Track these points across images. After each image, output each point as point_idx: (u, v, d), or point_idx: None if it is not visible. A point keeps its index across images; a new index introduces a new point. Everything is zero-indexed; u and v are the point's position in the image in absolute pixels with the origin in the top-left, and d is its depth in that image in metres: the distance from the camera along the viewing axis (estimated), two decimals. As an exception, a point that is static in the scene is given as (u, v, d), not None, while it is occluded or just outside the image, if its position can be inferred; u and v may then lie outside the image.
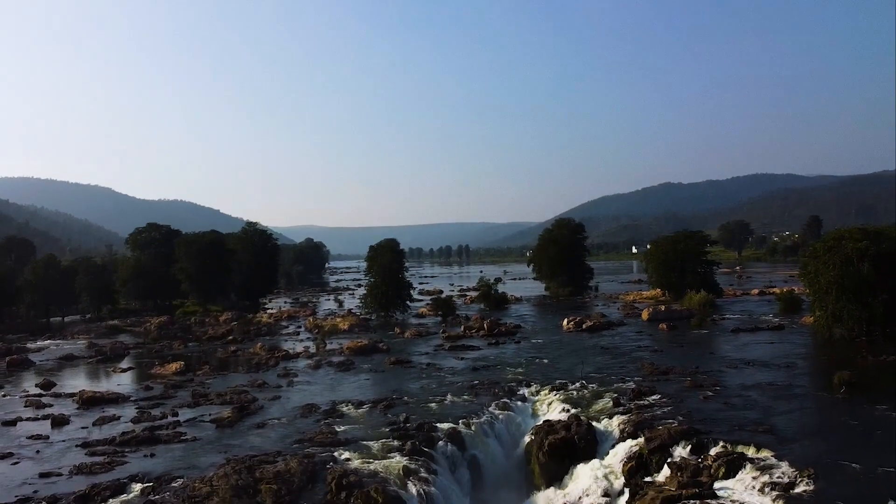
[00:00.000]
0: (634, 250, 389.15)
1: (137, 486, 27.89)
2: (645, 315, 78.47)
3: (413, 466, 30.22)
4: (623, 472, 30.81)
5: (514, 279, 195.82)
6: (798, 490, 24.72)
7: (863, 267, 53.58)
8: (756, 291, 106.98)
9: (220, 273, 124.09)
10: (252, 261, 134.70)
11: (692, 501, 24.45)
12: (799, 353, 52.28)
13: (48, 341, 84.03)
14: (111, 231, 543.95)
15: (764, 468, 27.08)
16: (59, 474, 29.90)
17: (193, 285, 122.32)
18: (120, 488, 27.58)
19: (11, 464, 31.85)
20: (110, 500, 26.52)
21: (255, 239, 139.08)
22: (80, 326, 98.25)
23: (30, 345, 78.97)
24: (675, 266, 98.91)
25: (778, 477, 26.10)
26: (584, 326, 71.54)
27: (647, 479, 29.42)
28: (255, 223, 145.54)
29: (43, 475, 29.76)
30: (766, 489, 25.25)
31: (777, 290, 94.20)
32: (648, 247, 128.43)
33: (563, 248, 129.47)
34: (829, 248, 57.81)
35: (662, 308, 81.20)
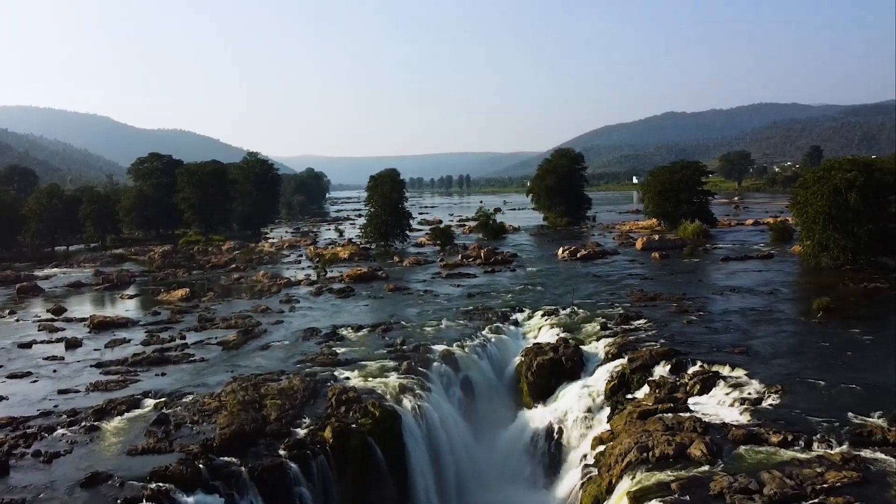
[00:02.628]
0: (635, 180, 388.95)
1: (150, 402, 29.84)
2: (639, 244, 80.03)
3: (408, 384, 32.17)
4: (606, 390, 32.77)
5: (514, 209, 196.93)
6: (764, 404, 26.62)
7: (850, 197, 54.79)
8: (750, 222, 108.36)
9: (222, 203, 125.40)
10: (253, 191, 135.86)
11: (667, 414, 26.29)
12: (784, 280, 54.04)
13: (55, 269, 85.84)
14: (111, 161, 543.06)
15: (736, 385, 29.00)
16: (77, 391, 31.85)
17: (196, 215, 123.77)
18: (134, 403, 29.51)
19: (31, 382, 33.83)
20: (126, 413, 28.43)
21: (257, 169, 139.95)
22: (86, 255, 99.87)
23: (37, 273, 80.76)
24: (671, 196, 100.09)
25: (748, 393, 28.01)
26: (578, 255, 73.17)
27: (628, 396, 31.39)
28: (256, 153, 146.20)
29: (61, 392, 31.71)
30: (736, 404, 27.18)
31: (771, 221, 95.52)
32: (645, 177, 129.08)
33: (562, 178, 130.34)
34: (819, 178, 59.00)
35: (656, 237, 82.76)
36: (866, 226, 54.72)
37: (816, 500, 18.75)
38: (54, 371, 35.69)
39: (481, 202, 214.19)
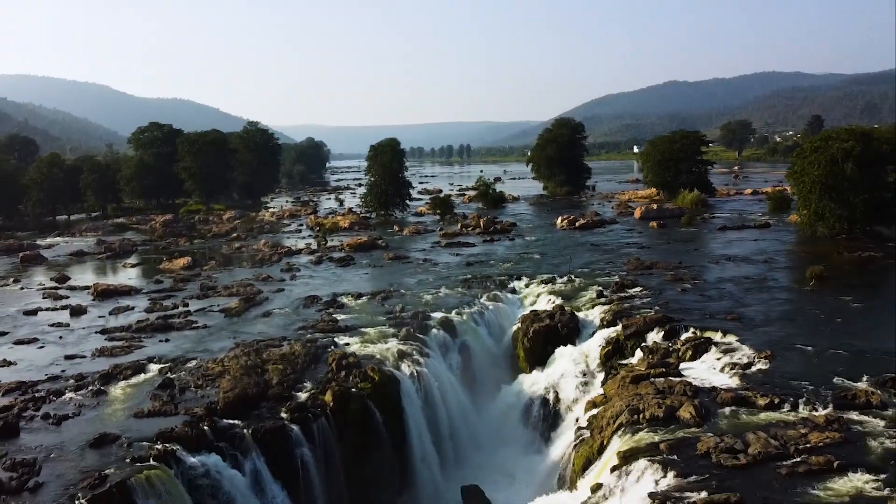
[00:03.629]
0: (636, 150, 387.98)
1: (155, 367, 30.57)
2: (637, 214, 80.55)
3: (407, 350, 32.93)
4: (600, 355, 33.55)
5: (514, 179, 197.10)
6: (754, 369, 27.31)
7: (847, 167, 55.14)
8: (749, 191, 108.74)
9: (223, 172, 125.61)
10: (254, 160, 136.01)
11: (658, 379, 26.99)
12: (779, 249, 54.63)
13: (57, 238, 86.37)
14: (110, 130, 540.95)
15: (727, 351, 29.71)
16: (83, 356, 32.59)
17: (196, 184, 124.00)
18: (140, 368, 30.25)
19: (38, 348, 34.56)
20: (131, 378, 29.16)
21: (257, 138, 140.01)
22: (87, 224, 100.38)
23: (40, 242, 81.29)
24: (671, 166, 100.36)
25: (738, 358, 28.70)
26: (577, 225, 73.74)
27: (622, 361, 32.12)
28: (257, 122, 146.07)
29: (68, 357, 32.45)
30: (726, 369, 27.88)
31: (770, 190, 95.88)
32: (646, 146, 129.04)
33: (562, 147, 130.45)
34: (816, 148, 59.33)
35: (654, 207, 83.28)
36: (862, 195, 55.18)
37: (799, 460, 19.45)
38: (60, 337, 36.42)
39: (481, 172, 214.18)
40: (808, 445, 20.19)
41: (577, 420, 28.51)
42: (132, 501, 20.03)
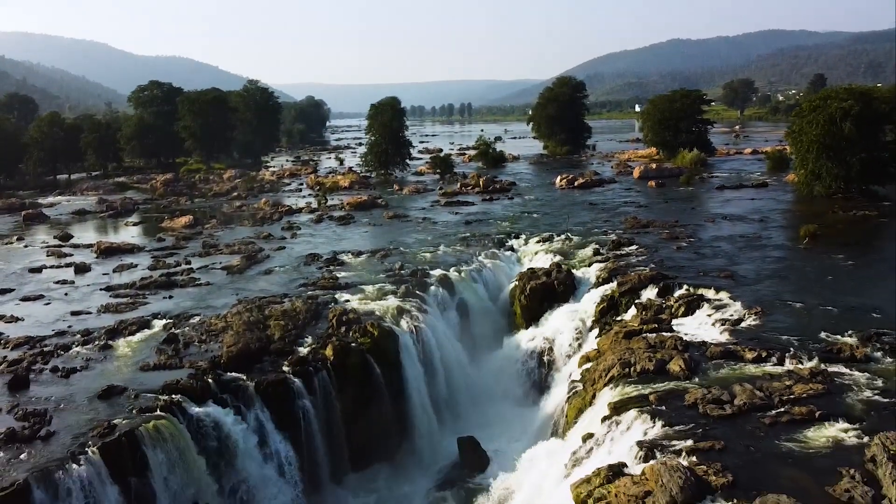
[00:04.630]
0: (637, 109, 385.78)
1: (160, 322, 31.31)
2: (636, 173, 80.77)
3: (406, 307, 33.64)
4: (595, 312, 34.21)
5: (515, 138, 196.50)
6: (744, 325, 27.97)
7: (844, 126, 55.26)
8: (749, 151, 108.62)
9: (223, 131, 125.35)
10: (254, 119, 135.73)
11: (650, 334, 27.68)
12: (775, 208, 55.08)
13: (59, 197, 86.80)
14: (109, 88, 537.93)
15: (718, 307, 30.35)
16: (88, 312, 33.31)
17: (197, 143, 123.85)
18: (144, 324, 30.99)
19: (44, 304, 35.28)
20: (137, 333, 29.91)
21: (257, 97, 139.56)
22: (88, 183, 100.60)
23: (41, 201, 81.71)
24: (671, 125, 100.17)
25: (729, 315, 29.36)
26: (576, 184, 74.06)
27: (616, 318, 32.80)
28: (257, 81, 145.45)
29: (74, 313, 33.17)
30: (717, 324, 28.54)
31: (769, 150, 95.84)
32: (646, 105, 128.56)
33: (563, 106, 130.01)
34: (815, 107, 59.33)
35: (654, 166, 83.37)
36: (859, 155, 55.39)
37: (782, 410, 20.15)
38: (65, 294, 37.11)
39: (482, 131, 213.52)
40: (792, 396, 20.90)
41: (570, 374, 29.29)
42: (140, 450, 20.88)
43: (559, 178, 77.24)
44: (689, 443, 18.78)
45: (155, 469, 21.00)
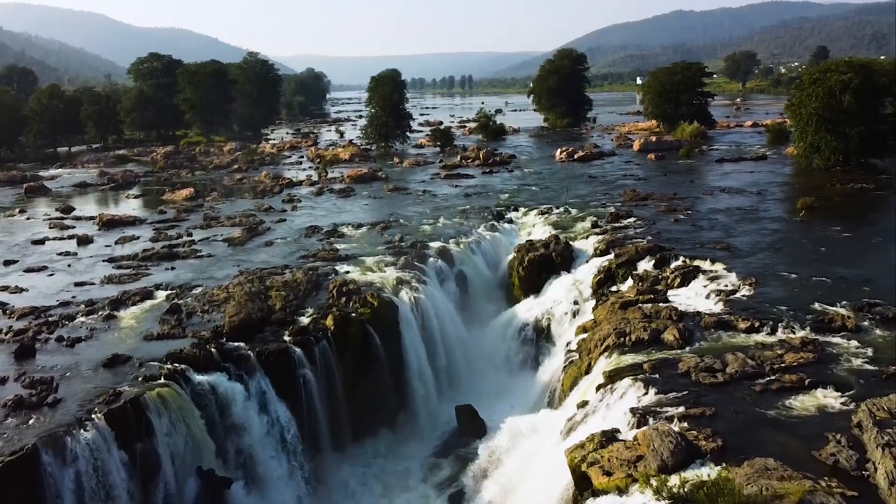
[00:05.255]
0: (639, 81, 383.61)
1: (162, 293, 31.73)
2: (636, 146, 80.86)
3: (405, 278, 34.04)
4: (592, 283, 34.62)
5: (515, 111, 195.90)
6: (738, 295, 28.39)
7: (844, 99, 55.32)
8: (750, 123, 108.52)
9: (223, 103, 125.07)
10: (254, 91, 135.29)
11: (646, 305, 28.10)
12: (774, 181, 55.28)
13: (60, 170, 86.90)
14: (108, 60, 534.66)
15: (714, 278, 30.78)
16: (92, 283, 33.73)
17: (197, 115, 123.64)
18: (147, 294, 31.41)
19: (47, 275, 35.68)
20: (140, 303, 30.34)
21: (257, 69, 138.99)
22: (89, 156, 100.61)
23: (42, 173, 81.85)
24: (671, 98, 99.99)
25: (724, 285, 29.77)
26: (575, 157, 74.17)
27: (613, 289, 33.20)
28: (257, 53, 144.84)
29: (77, 284, 33.58)
30: (712, 295, 28.94)
31: (769, 122, 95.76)
32: (647, 78, 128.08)
33: (564, 79, 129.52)
34: (815, 80, 59.35)
35: (653, 139, 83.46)
36: (858, 127, 55.48)
37: (773, 378, 20.60)
38: (69, 265, 37.52)
39: (482, 103, 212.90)
40: (782, 365, 21.35)
41: (567, 344, 29.74)
42: (145, 416, 21.38)
43: (559, 150, 77.34)
44: (681, 409, 19.26)
45: (159, 435, 21.52)
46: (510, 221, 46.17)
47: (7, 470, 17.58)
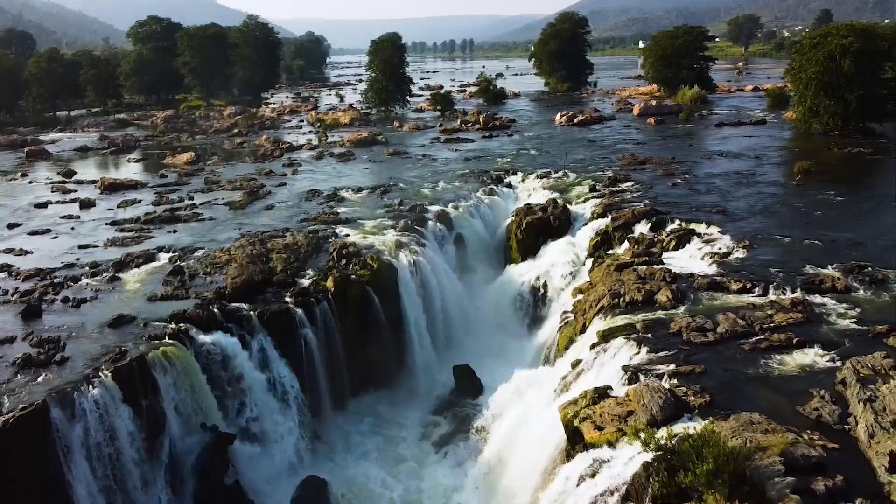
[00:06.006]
0: (641, 45, 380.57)
1: (165, 255, 32.21)
2: (636, 110, 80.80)
3: (405, 241, 34.50)
4: (589, 246, 35.12)
5: (516, 75, 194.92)
6: (732, 258, 28.86)
7: (844, 63, 55.26)
8: (750, 88, 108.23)
9: (223, 67, 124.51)
10: (254, 55, 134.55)
11: (641, 267, 28.55)
12: (772, 145, 55.46)
13: (60, 134, 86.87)
14: (106, 23, 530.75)
15: (708, 241, 31.21)
16: (95, 246, 34.17)
17: (197, 79, 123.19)
18: (150, 257, 31.89)
19: (51, 238, 36.12)
20: (143, 265, 30.83)
21: (257, 32, 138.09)
22: (88, 120, 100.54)
23: (43, 137, 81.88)
24: (672, 62, 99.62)
25: (718, 248, 30.21)
26: (575, 121, 74.22)
27: (609, 251, 33.67)
28: (256, 16, 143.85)
29: (81, 247, 34.01)
30: (706, 257, 29.41)
31: (769, 87, 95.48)
32: (648, 42, 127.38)
33: (565, 42, 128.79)
34: (815, 44, 59.22)
35: (654, 103, 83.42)
36: (857, 92, 55.48)
37: (762, 337, 21.14)
38: (72, 228, 37.97)
39: (483, 68, 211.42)
40: (772, 325, 21.88)
41: (563, 305, 30.28)
42: (151, 374, 21.98)
43: (559, 115, 77.34)
44: (672, 367, 19.83)
45: (165, 392, 22.14)
46: (509, 185, 46.45)
47: (18, 424, 18.18)
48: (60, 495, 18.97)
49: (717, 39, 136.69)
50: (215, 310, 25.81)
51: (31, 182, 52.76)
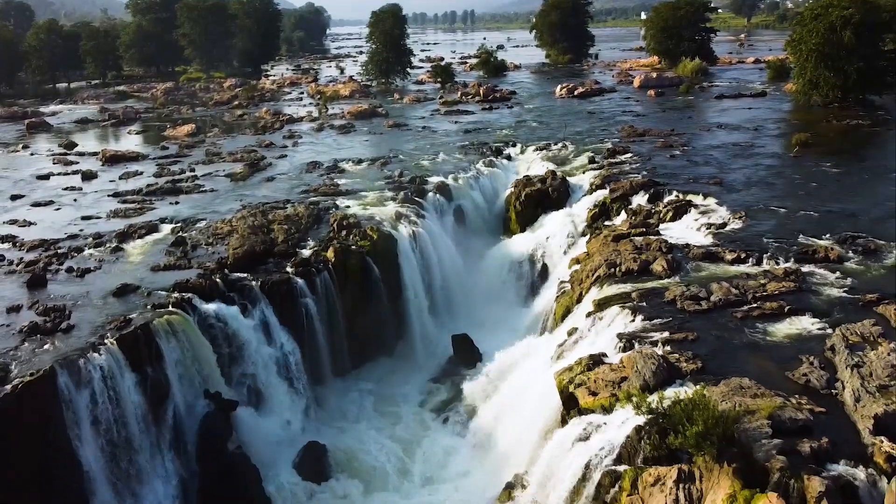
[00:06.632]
0: (643, 16, 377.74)
1: (167, 227, 32.57)
2: (636, 82, 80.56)
3: (405, 212, 34.86)
4: (587, 217, 35.44)
5: (517, 46, 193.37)
6: (727, 228, 29.20)
7: (844, 34, 55.12)
8: (752, 59, 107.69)
9: (223, 39, 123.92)
10: (253, 26, 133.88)
11: (638, 238, 28.90)
12: (771, 117, 55.51)
13: (60, 106, 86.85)
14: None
15: (705, 212, 31.53)
16: (98, 217, 34.54)
17: (196, 51, 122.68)
18: (153, 228, 32.25)
19: (54, 209, 36.47)
20: (146, 236, 31.19)
21: (256, 3, 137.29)
22: (88, 92, 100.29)
23: (43, 109, 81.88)
24: (673, 33, 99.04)
25: (714, 219, 30.52)
26: (575, 93, 74.12)
27: (607, 223, 33.98)
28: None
29: (84, 218, 34.38)
30: (702, 228, 29.75)
31: (771, 59, 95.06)
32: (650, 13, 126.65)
33: (566, 14, 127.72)
34: (816, 15, 58.99)
35: (654, 75, 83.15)
36: (857, 64, 55.41)
37: (755, 305, 21.57)
38: (74, 200, 38.28)
39: (484, 39, 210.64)
40: (764, 294, 22.30)
41: (560, 276, 30.67)
42: (155, 342, 22.41)
43: (559, 87, 77.23)
44: (665, 334, 20.29)
45: (168, 360, 22.58)
46: (508, 157, 46.64)
47: (27, 389, 18.63)
48: (67, 460, 19.48)
49: (719, 11, 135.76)
50: (217, 280, 26.21)
51: (32, 154, 52.96)
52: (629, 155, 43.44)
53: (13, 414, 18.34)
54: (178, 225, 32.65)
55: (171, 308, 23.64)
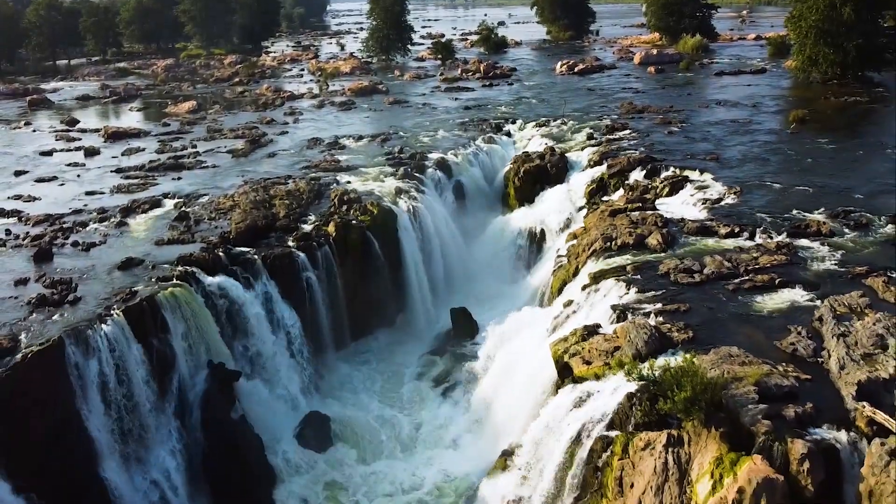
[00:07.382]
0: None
1: (170, 202, 33.05)
2: (637, 59, 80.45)
3: (405, 187, 35.30)
4: (585, 193, 35.83)
5: (519, 23, 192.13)
6: (722, 203, 29.62)
7: (844, 11, 55.11)
8: (753, 36, 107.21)
9: (223, 15, 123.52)
10: (254, 3, 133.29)
11: (634, 213, 29.31)
12: (770, 94, 55.64)
13: (61, 83, 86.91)
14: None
15: (701, 187, 31.90)
16: (102, 193, 35.01)
17: (197, 27, 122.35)
18: (156, 203, 32.72)
19: (58, 185, 36.92)
20: (149, 211, 31.67)
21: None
22: (89, 69, 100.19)
23: (44, 86, 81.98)
24: (674, 10, 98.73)
25: (710, 194, 30.90)
26: (576, 70, 74.07)
27: (605, 198, 34.36)
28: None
29: (88, 193, 34.86)
30: (698, 203, 30.14)
31: (771, 35, 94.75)
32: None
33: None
34: (817, -9, 58.87)
35: (655, 52, 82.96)
36: (857, 40, 55.43)
37: (747, 278, 22.01)
38: (78, 176, 38.72)
39: (485, 16, 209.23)
40: (756, 266, 22.74)
41: (558, 250, 31.13)
42: (160, 314, 22.94)
43: (560, 63, 77.19)
44: (658, 306, 20.78)
45: (174, 331, 23.15)
46: (508, 134, 46.94)
47: (37, 358, 19.17)
48: (76, 428, 20.06)
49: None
50: (220, 253, 26.70)
51: (34, 130, 53.28)
52: (628, 131, 43.71)
53: (23, 382, 18.88)
54: (181, 200, 33.13)
55: (175, 281, 24.13)
